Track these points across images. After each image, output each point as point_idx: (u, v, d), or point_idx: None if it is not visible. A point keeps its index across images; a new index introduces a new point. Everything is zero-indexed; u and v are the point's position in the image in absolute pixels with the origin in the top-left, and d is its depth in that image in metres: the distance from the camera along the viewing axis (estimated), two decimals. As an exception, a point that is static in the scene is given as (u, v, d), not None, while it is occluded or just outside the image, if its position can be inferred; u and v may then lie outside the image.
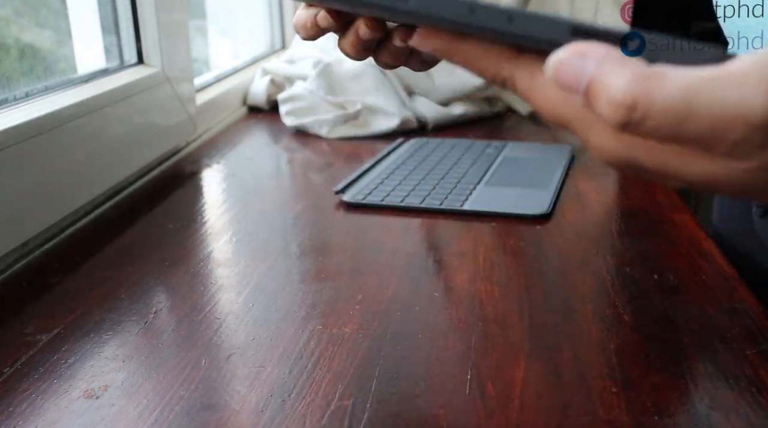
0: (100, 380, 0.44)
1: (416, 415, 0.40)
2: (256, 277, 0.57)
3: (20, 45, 0.74)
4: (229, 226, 0.68)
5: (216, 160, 0.89)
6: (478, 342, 0.47)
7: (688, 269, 0.58)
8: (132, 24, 0.85)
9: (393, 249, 0.62)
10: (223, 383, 0.43)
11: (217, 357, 0.46)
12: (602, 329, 0.49)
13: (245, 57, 1.33)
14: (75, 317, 0.51)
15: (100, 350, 0.47)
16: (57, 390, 0.43)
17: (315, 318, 0.50)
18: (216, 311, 0.52)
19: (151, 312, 0.52)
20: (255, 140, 1.01)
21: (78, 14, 0.82)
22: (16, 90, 0.68)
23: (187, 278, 0.57)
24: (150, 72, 0.84)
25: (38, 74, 0.75)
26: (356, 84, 1.04)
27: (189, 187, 0.81)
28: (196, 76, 1.04)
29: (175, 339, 0.48)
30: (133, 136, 0.78)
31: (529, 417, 0.40)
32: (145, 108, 0.81)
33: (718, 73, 0.24)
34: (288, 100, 1.02)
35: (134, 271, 0.58)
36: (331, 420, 0.40)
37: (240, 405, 0.41)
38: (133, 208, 0.74)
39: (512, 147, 0.89)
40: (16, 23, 0.74)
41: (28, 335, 0.49)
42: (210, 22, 1.30)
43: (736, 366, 0.44)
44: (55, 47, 0.79)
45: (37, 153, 0.62)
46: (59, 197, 0.65)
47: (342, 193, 0.74)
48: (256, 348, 0.47)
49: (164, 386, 0.43)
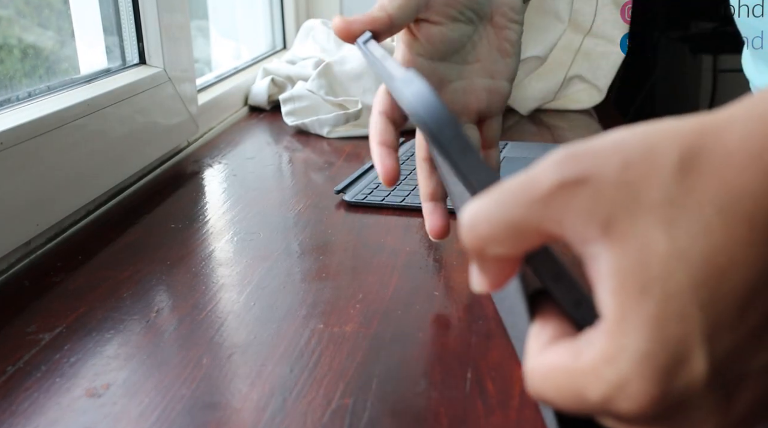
0: (102, 379, 0.44)
1: (416, 414, 0.40)
2: (257, 276, 0.57)
3: (23, 45, 0.74)
4: (231, 226, 0.68)
5: (217, 160, 0.89)
6: (478, 341, 0.47)
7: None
8: (134, 24, 0.85)
9: (393, 248, 0.62)
10: (224, 382, 0.44)
11: (218, 356, 0.46)
12: (602, 328, 0.49)
13: (246, 57, 1.33)
14: (77, 316, 0.51)
15: (102, 349, 0.47)
16: (59, 388, 0.43)
17: (316, 317, 0.51)
18: (217, 310, 0.52)
19: (152, 311, 0.52)
20: (256, 140, 1.01)
21: (80, 14, 0.82)
22: (18, 90, 0.69)
23: (189, 277, 0.57)
24: (152, 72, 0.84)
25: (41, 74, 0.76)
26: (357, 84, 1.04)
27: (190, 186, 0.81)
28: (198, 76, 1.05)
29: (177, 338, 0.48)
30: (134, 136, 0.78)
31: (529, 416, 0.40)
32: (147, 108, 0.81)
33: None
34: (289, 100, 1.02)
35: (136, 270, 0.58)
36: (332, 419, 0.40)
37: (241, 404, 0.41)
38: (135, 207, 0.74)
39: (512, 147, 0.90)
40: (19, 23, 0.74)
41: (31, 334, 0.49)
42: (212, 22, 1.31)
43: (735, 365, 0.44)
44: (57, 47, 0.79)
45: (39, 152, 0.62)
46: (61, 196, 0.65)
47: (343, 192, 0.74)
48: (258, 347, 0.47)
49: (166, 384, 0.43)
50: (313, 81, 1.03)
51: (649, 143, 0.23)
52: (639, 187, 0.23)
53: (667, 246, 0.22)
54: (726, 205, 0.22)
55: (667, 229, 0.22)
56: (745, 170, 0.22)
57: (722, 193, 0.22)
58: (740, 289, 0.22)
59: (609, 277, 0.23)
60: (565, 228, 0.23)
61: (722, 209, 0.22)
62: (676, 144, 0.23)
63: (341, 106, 1.00)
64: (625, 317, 0.22)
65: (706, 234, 0.22)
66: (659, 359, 0.22)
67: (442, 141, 0.27)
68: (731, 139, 0.22)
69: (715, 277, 0.22)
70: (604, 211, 0.23)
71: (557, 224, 0.24)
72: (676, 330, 0.22)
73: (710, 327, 0.22)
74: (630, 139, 0.23)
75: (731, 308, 0.22)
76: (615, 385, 0.22)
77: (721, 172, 0.22)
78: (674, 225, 0.22)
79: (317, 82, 1.03)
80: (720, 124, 0.23)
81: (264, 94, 1.12)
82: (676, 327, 0.22)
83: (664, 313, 0.22)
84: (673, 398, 0.22)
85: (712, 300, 0.22)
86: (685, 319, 0.22)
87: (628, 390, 0.22)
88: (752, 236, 0.22)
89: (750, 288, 0.22)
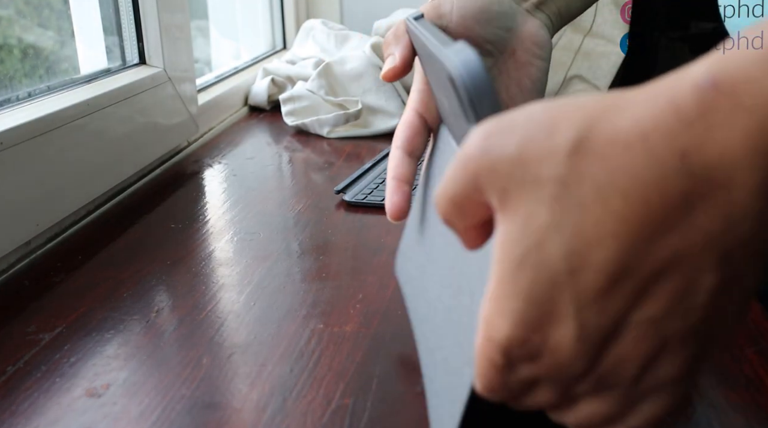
0: (102, 379, 0.44)
1: (416, 414, 0.40)
2: (257, 276, 0.57)
3: (23, 45, 0.74)
4: (231, 226, 0.68)
5: (217, 160, 0.89)
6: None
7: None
8: (134, 24, 0.85)
9: (393, 248, 0.62)
10: (224, 382, 0.44)
11: (218, 356, 0.46)
12: (602, 328, 0.49)
13: (246, 57, 1.33)
14: (77, 316, 0.51)
15: (102, 349, 0.47)
16: (59, 388, 0.43)
17: (316, 317, 0.51)
18: (217, 310, 0.52)
19: (152, 311, 0.52)
20: (256, 140, 1.01)
21: (80, 15, 0.82)
22: (18, 90, 0.69)
23: (189, 277, 0.57)
24: (152, 72, 0.84)
25: (41, 74, 0.76)
26: (357, 84, 1.04)
27: (190, 186, 0.81)
28: (198, 76, 1.05)
29: (177, 338, 0.48)
30: (135, 136, 0.78)
31: (528, 416, 0.40)
32: (147, 108, 0.81)
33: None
34: (289, 100, 1.02)
35: (136, 270, 0.58)
36: (332, 419, 0.40)
37: (241, 404, 0.41)
38: (135, 207, 0.74)
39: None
40: (19, 23, 0.74)
41: (31, 334, 0.49)
42: (212, 22, 1.31)
43: (735, 366, 0.44)
44: (57, 47, 0.79)
45: (39, 152, 0.62)
46: (61, 196, 0.65)
47: (343, 192, 0.74)
48: (258, 346, 0.47)
49: (166, 384, 0.43)
50: (313, 81, 1.03)
51: (551, 120, 0.25)
52: (532, 163, 0.24)
53: (547, 219, 0.24)
54: (604, 182, 0.23)
55: (550, 204, 0.24)
56: (627, 150, 0.23)
57: (602, 171, 0.24)
58: (610, 259, 0.24)
59: (497, 246, 0.26)
60: (487, 199, 0.26)
61: (600, 186, 0.24)
62: (575, 123, 0.25)
63: (341, 106, 1.00)
64: (504, 283, 0.25)
65: (581, 208, 0.24)
66: (529, 315, 0.25)
67: (478, 109, 0.28)
68: (623, 119, 0.24)
69: (586, 247, 0.24)
70: (500, 185, 0.25)
71: (482, 195, 0.26)
72: (547, 293, 0.24)
73: (580, 290, 0.24)
74: (537, 115, 0.25)
75: (598, 274, 0.24)
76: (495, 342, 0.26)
77: (604, 152, 0.24)
78: (556, 201, 0.24)
79: (317, 82, 1.03)
80: (620, 104, 0.25)
81: (264, 94, 1.12)
82: (546, 291, 0.24)
83: (537, 279, 0.24)
84: (541, 346, 0.25)
85: (582, 267, 0.24)
86: (555, 284, 0.24)
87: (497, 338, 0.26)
88: (625, 211, 0.23)
89: (619, 258, 0.24)
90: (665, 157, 0.23)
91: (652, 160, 0.23)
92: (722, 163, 0.23)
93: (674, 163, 0.23)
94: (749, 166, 0.23)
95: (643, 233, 0.24)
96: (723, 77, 0.23)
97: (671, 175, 0.23)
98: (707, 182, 0.23)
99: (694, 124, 0.23)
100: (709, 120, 0.23)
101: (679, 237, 0.24)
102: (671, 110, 0.23)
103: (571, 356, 0.25)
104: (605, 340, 0.25)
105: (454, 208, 0.27)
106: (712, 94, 0.23)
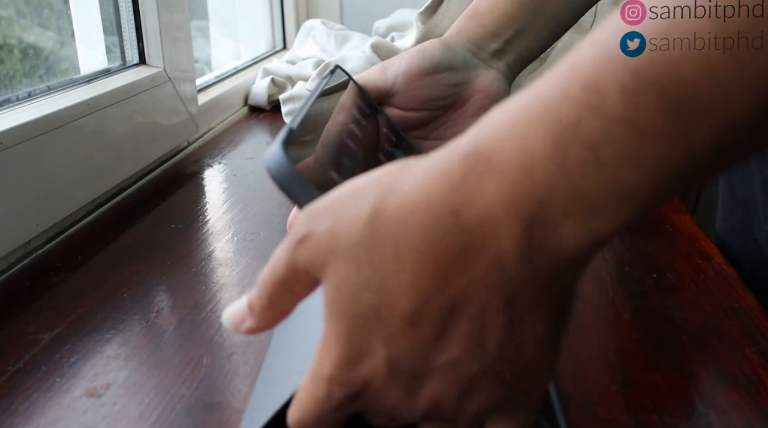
0: (102, 378, 0.44)
1: (416, 414, 0.40)
2: (257, 276, 0.57)
3: (23, 45, 0.74)
4: (231, 226, 0.68)
5: (217, 160, 0.89)
6: (479, 341, 0.47)
7: (687, 268, 0.58)
8: (134, 24, 0.85)
9: (394, 248, 0.62)
10: (224, 382, 0.44)
11: (218, 356, 0.46)
12: (601, 328, 0.49)
13: (246, 57, 1.33)
14: (77, 316, 0.51)
15: (102, 349, 0.47)
16: (59, 388, 0.43)
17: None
18: (217, 310, 0.52)
19: (152, 311, 0.52)
20: (256, 140, 1.01)
21: (80, 14, 0.82)
22: (18, 90, 0.69)
23: (189, 277, 0.57)
24: (152, 72, 0.84)
25: (41, 74, 0.76)
26: (357, 84, 1.04)
27: (190, 186, 0.81)
28: (198, 76, 1.05)
29: (177, 338, 0.48)
30: (134, 136, 0.78)
31: (528, 416, 0.40)
32: (147, 108, 0.81)
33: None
34: (289, 100, 1.02)
35: (136, 270, 0.58)
36: (332, 419, 0.40)
37: (241, 404, 0.41)
38: (135, 207, 0.74)
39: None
40: (19, 23, 0.74)
41: (31, 334, 0.49)
42: (212, 22, 1.31)
43: (735, 366, 0.44)
44: (57, 47, 0.79)
45: (39, 152, 0.62)
46: (61, 196, 0.65)
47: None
48: (258, 346, 0.47)
49: (166, 384, 0.43)
50: (313, 81, 1.03)
51: (356, 193, 0.28)
52: (341, 235, 0.28)
53: (357, 279, 0.27)
54: (400, 242, 0.27)
55: (358, 266, 0.27)
56: (414, 211, 0.27)
57: (398, 231, 0.27)
58: (406, 305, 0.27)
59: (324, 306, 0.29)
60: (312, 274, 0.29)
61: (397, 246, 0.27)
62: (373, 191, 0.28)
63: (341, 106, 1.00)
64: (328, 333, 0.29)
65: (383, 266, 0.27)
66: (348, 355, 0.28)
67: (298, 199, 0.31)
68: (411, 184, 0.27)
69: (390, 298, 0.27)
70: (319, 258, 0.28)
71: (307, 272, 0.29)
72: (359, 338, 0.28)
73: (388, 334, 0.28)
74: (347, 192, 0.29)
75: (401, 320, 0.27)
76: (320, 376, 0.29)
77: (397, 215, 0.27)
78: (362, 262, 0.27)
79: (317, 82, 1.03)
80: (412, 170, 0.28)
81: (264, 94, 1.12)
82: (359, 336, 0.28)
83: (353, 327, 0.28)
84: (359, 382, 0.29)
85: (389, 315, 0.27)
86: (367, 330, 0.28)
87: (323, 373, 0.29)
88: (417, 267, 0.27)
89: (416, 306, 0.27)
90: (443, 216, 0.26)
91: (434, 219, 0.26)
92: (489, 218, 0.26)
93: (450, 221, 0.26)
94: (508, 221, 0.26)
95: (432, 283, 0.27)
96: (483, 142, 0.26)
97: (449, 232, 0.26)
98: (479, 236, 0.26)
99: (460, 186, 0.26)
100: (471, 182, 0.26)
101: (463, 285, 0.26)
102: (443, 174, 0.27)
103: (385, 384, 0.28)
104: (416, 379, 0.28)
105: (283, 287, 0.31)
106: (474, 159, 0.26)
